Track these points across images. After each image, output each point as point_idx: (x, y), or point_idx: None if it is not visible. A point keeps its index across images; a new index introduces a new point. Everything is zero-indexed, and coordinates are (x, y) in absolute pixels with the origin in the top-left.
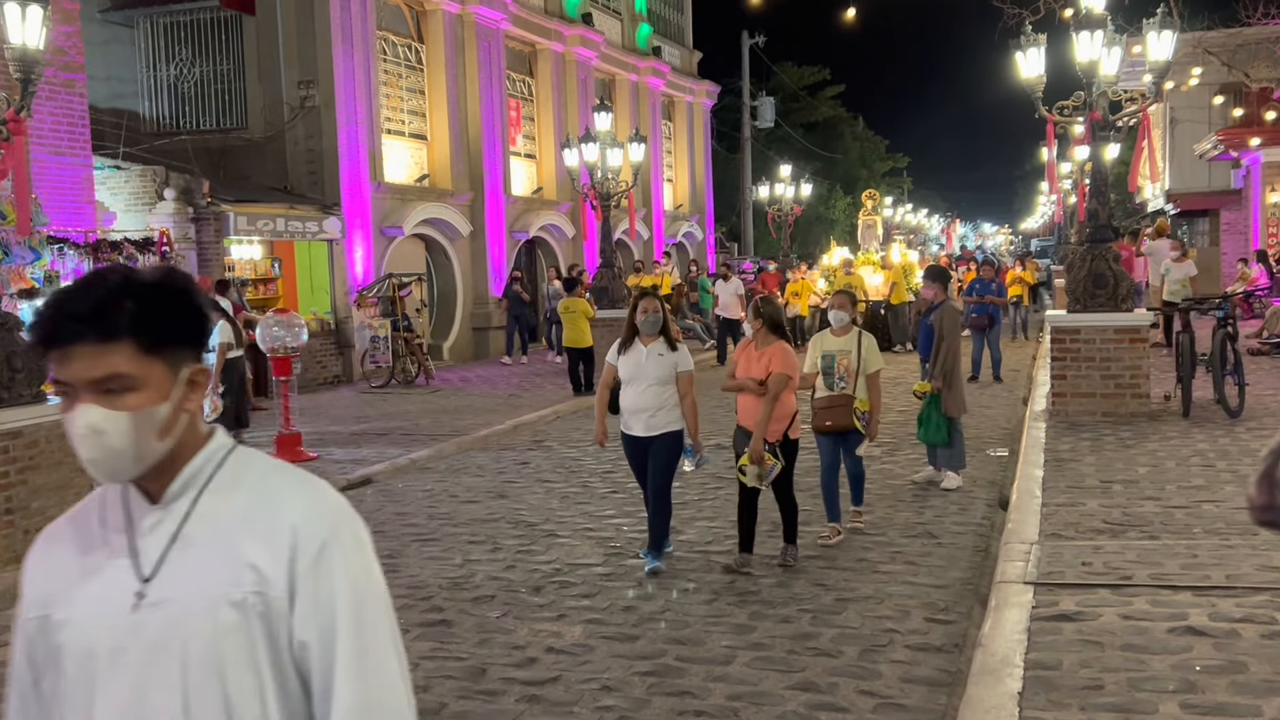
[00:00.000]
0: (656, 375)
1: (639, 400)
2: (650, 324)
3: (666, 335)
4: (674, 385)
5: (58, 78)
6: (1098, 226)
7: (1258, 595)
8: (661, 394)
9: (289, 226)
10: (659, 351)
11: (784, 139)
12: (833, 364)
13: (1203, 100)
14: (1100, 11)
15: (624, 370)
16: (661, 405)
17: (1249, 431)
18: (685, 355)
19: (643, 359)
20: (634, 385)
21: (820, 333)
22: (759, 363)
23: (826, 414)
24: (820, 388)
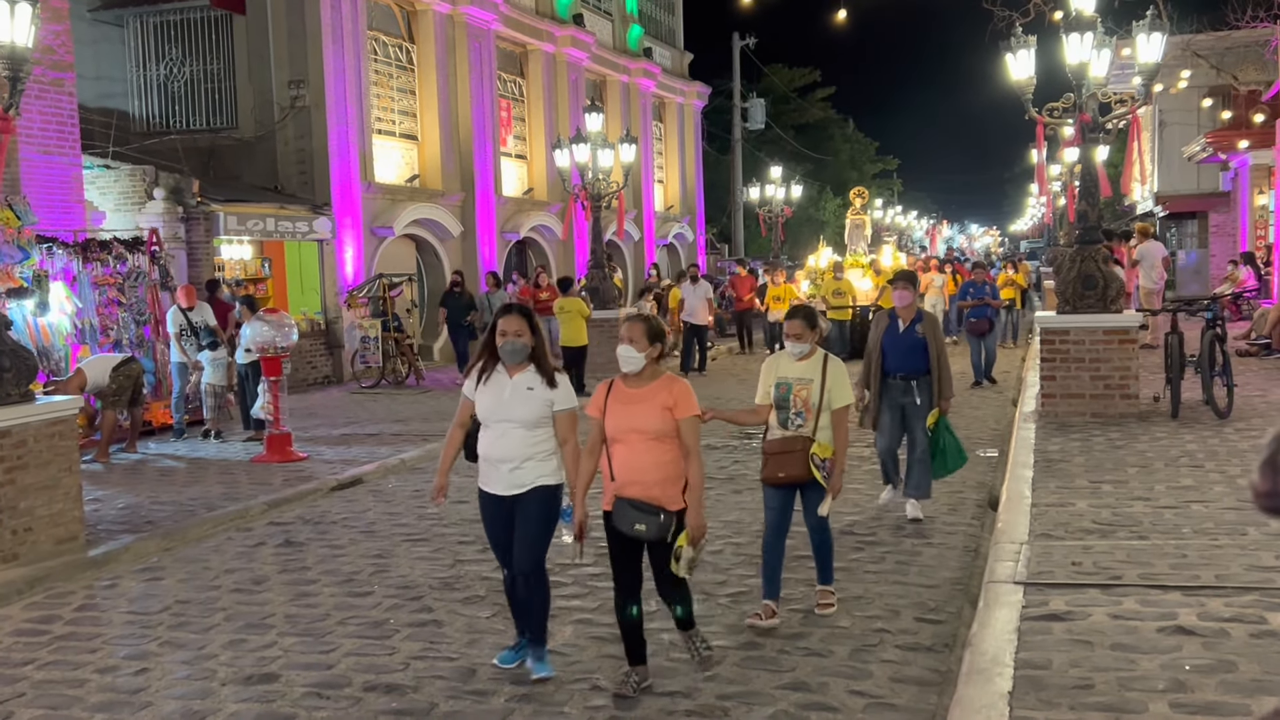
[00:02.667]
0: (524, 415)
1: (500, 447)
2: (513, 351)
3: (540, 364)
4: (549, 428)
5: (47, 76)
6: (1087, 228)
7: (1246, 595)
8: (531, 439)
9: (279, 226)
10: (528, 384)
11: (774, 141)
12: (788, 395)
13: (1191, 103)
14: (1090, 14)
15: (482, 407)
16: (531, 455)
17: (1237, 432)
18: (566, 390)
19: (505, 393)
20: (494, 427)
21: (776, 354)
22: (649, 404)
23: (779, 461)
24: (773, 425)
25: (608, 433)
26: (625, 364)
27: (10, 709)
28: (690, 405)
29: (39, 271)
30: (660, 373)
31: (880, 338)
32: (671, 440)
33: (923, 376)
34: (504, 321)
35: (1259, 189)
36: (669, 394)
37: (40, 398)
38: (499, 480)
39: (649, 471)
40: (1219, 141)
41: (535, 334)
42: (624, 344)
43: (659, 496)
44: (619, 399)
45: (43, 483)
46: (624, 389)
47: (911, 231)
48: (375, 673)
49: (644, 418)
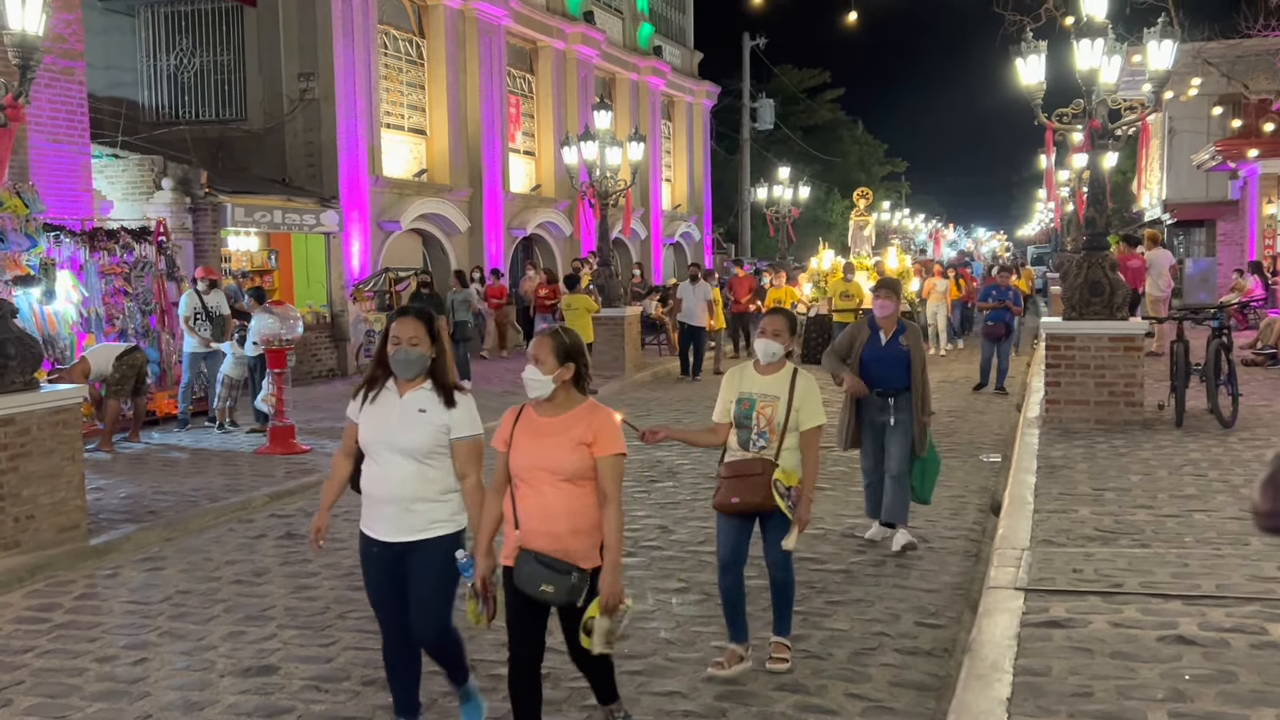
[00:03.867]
0: (413, 443)
1: (385, 483)
2: (405, 362)
3: (438, 380)
4: (446, 460)
5: (57, 65)
6: (1094, 234)
7: (1248, 605)
8: (422, 474)
9: (286, 219)
10: (420, 405)
11: (783, 141)
12: (750, 413)
13: (1201, 111)
14: (1101, 20)
15: (364, 432)
16: (422, 493)
17: (1242, 442)
18: (467, 412)
19: (392, 416)
20: (378, 457)
21: (739, 366)
22: (561, 438)
23: (735, 486)
24: (732, 446)
25: (512, 471)
26: (531, 388)
27: (9, 696)
28: (612, 440)
29: (46, 260)
30: (577, 400)
31: (860, 350)
32: (589, 483)
33: (903, 392)
34: (396, 326)
35: (1268, 198)
36: (587, 426)
37: (45, 386)
38: (383, 523)
39: (559, 520)
40: (1228, 150)
41: (436, 342)
42: (529, 364)
43: (571, 550)
44: (527, 430)
45: (46, 471)
46: (534, 418)
47: (914, 234)
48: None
49: (554, 454)
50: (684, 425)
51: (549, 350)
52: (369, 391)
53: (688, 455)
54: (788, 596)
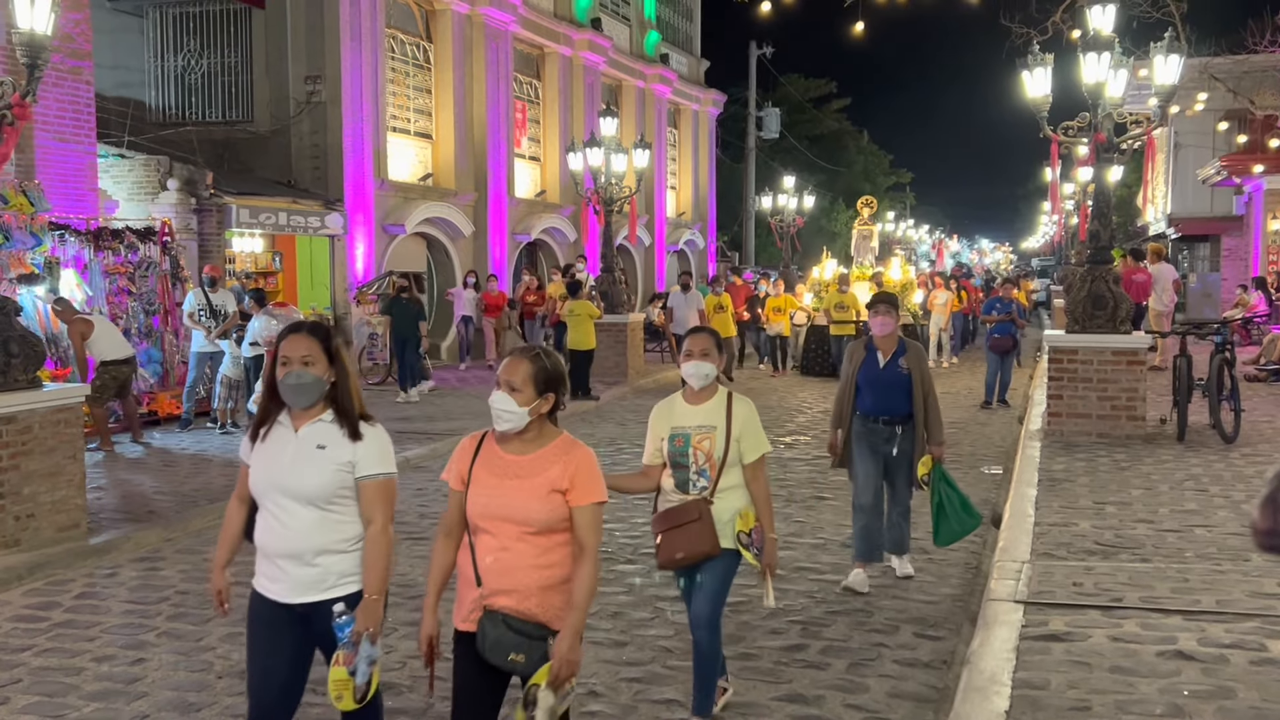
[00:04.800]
0: (311, 486)
1: (280, 535)
2: (298, 387)
3: (341, 408)
4: (352, 505)
5: (65, 64)
6: (1098, 248)
7: (1248, 621)
8: (325, 523)
9: (291, 221)
10: (319, 440)
11: (788, 150)
12: (686, 449)
13: (1207, 126)
14: (1108, 34)
15: (255, 474)
16: (325, 545)
17: (1244, 457)
18: (376, 446)
19: (286, 454)
20: (271, 504)
21: (668, 399)
22: (532, 481)
23: (676, 539)
24: (667, 490)
25: (470, 516)
26: (499, 419)
27: (6, 695)
28: (592, 486)
29: (50, 258)
30: (551, 435)
31: (855, 372)
32: (562, 533)
33: (907, 420)
34: (285, 344)
35: (1272, 214)
36: (563, 469)
37: (47, 385)
38: (280, 581)
39: (526, 575)
40: (1234, 165)
41: (335, 363)
42: (500, 390)
43: (540, 611)
44: (491, 468)
45: (47, 469)
46: (499, 453)
47: (916, 244)
48: None
49: (523, 501)
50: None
51: (527, 376)
52: (260, 428)
53: None
54: (710, 666)
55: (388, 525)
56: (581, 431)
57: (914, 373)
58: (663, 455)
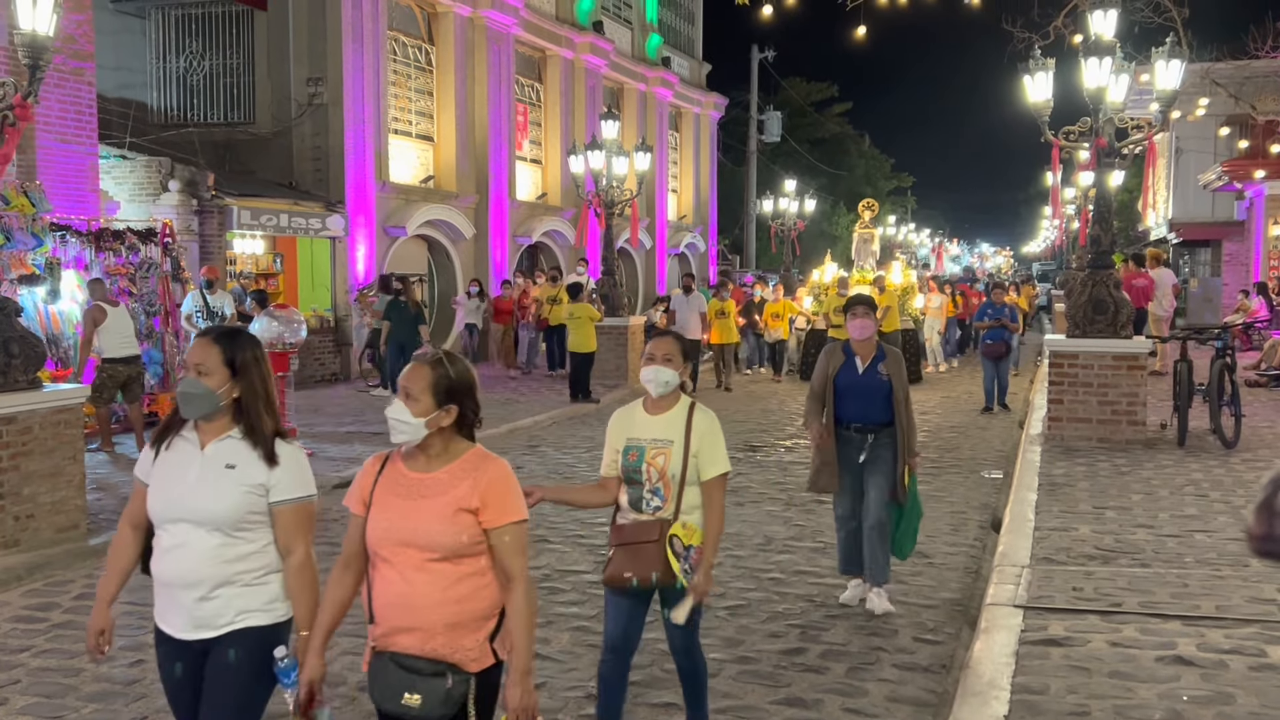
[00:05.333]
0: (216, 510)
1: (178, 564)
2: (187, 396)
3: (252, 426)
4: (263, 532)
5: (67, 65)
6: (1099, 252)
7: (1247, 627)
8: (229, 551)
9: (292, 222)
10: (228, 460)
11: (789, 154)
12: (640, 464)
13: (1208, 131)
14: (1109, 38)
15: (153, 495)
16: (229, 577)
17: (1244, 462)
18: (293, 467)
19: (190, 473)
20: (170, 530)
21: (627, 407)
22: (437, 501)
23: (627, 557)
24: (623, 506)
25: (369, 543)
26: (395, 431)
27: (5, 695)
28: (507, 504)
29: (51, 259)
30: (460, 449)
31: (833, 378)
32: (474, 560)
33: (884, 428)
34: (193, 350)
35: (1274, 219)
36: (472, 485)
37: (47, 385)
38: (179, 615)
39: (430, 611)
40: (1235, 170)
41: (240, 376)
42: (398, 400)
43: (448, 652)
44: (393, 488)
45: (47, 470)
46: (403, 472)
47: (915, 248)
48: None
49: (424, 523)
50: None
51: (425, 385)
52: (162, 441)
53: None
54: (699, 687)
55: (310, 553)
56: (582, 434)
57: (894, 379)
58: (618, 468)
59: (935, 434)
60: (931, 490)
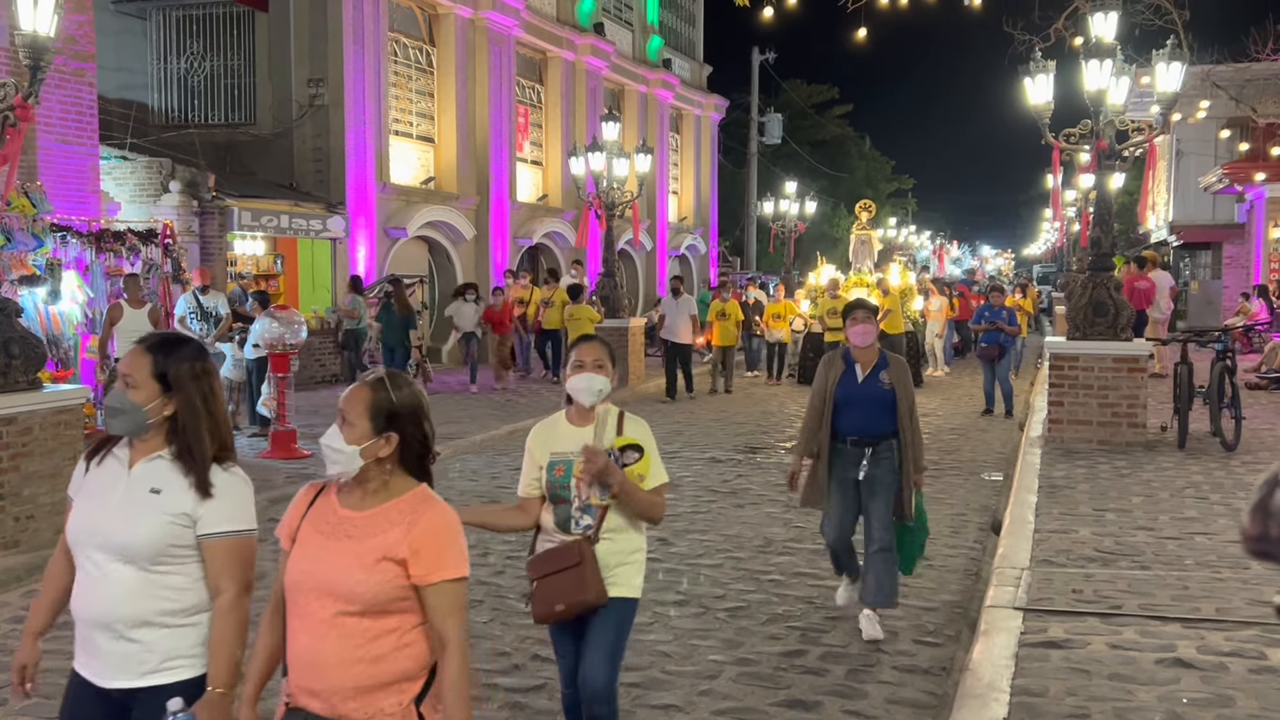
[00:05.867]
0: (136, 540)
1: (95, 599)
2: (112, 411)
3: (184, 447)
4: (192, 568)
5: (68, 66)
6: (1100, 255)
7: (1247, 629)
8: (151, 588)
9: (293, 223)
10: (154, 484)
11: (790, 156)
12: (566, 480)
13: (1209, 133)
14: (1110, 41)
15: (74, 517)
16: (148, 616)
17: (1244, 465)
18: (228, 497)
19: (113, 496)
20: (88, 559)
21: (549, 418)
22: (361, 545)
23: (555, 587)
24: (547, 528)
25: (285, 586)
26: (329, 460)
27: (4, 696)
28: (444, 557)
29: (52, 260)
30: (403, 487)
31: (832, 388)
32: (400, 616)
33: (884, 439)
34: (124, 359)
35: (1274, 221)
36: (404, 531)
37: (48, 386)
38: (96, 659)
39: (338, 672)
40: (1235, 173)
41: (175, 391)
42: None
43: (360, 714)
44: (320, 524)
45: (46, 471)
46: (335, 508)
47: (915, 250)
48: None
49: (345, 570)
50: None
51: (363, 408)
52: (95, 455)
53: (689, 467)
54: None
55: (242, 597)
56: None
57: (898, 389)
58: (540, 486)
59: (936, 436)
60: (932, 493)
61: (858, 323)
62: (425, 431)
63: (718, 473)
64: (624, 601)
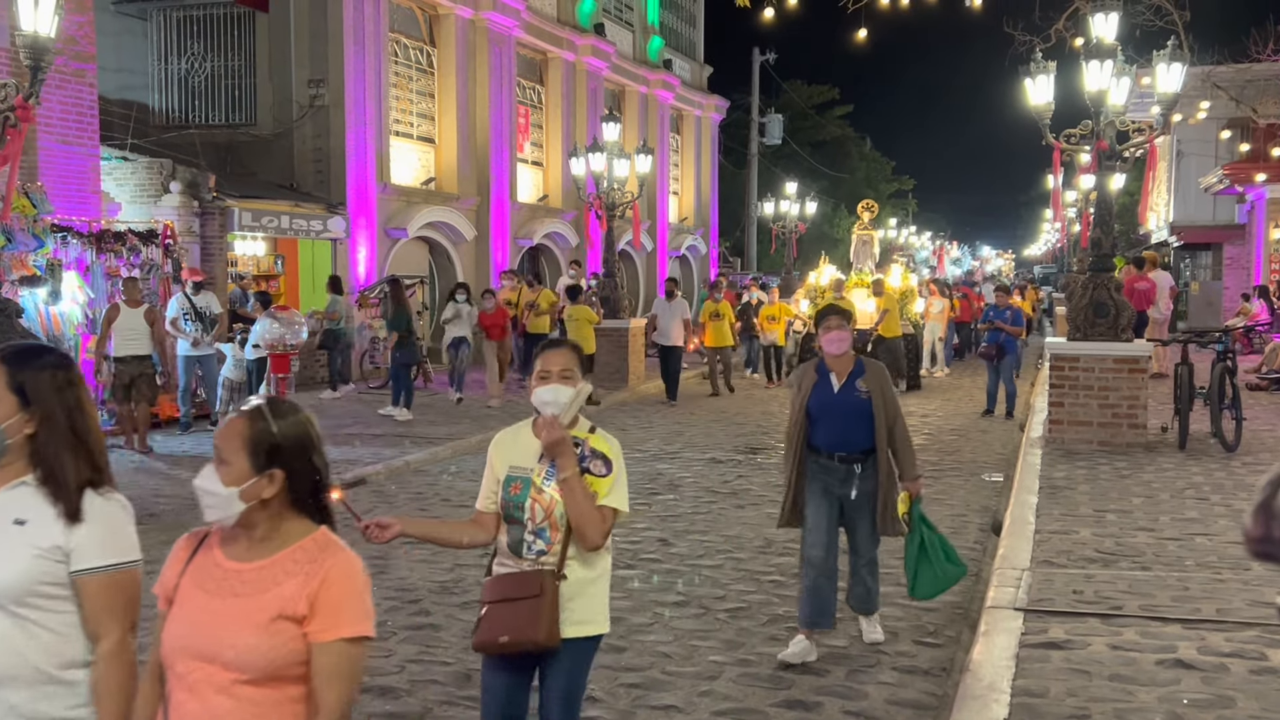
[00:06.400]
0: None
1: None
2: None
3: (50, 472)
4: (66, 610)
5: (69, 67)
6: (1100, 255)
7: (1248, 630)
8: (18, 636)
9: (293, 224)
10: (17, 514)
11: (790, 156)
12: (522, 498)
13: (1209, 134)
14: (1111, 42)
15: None
16: (16, 669)
17: (1244, 466)
18: (103, 527)
19: None
20: None
21: (514, 427)
22: (249, 602)
23: (504, 616)
24: (501, 548)
25: (163, 652)
26: (204, 504)
27: None
28: (345, 615)
29: (52, 260)
30: (298, 532)
31: (806, 400)
32: (292, 684)
33: (870, 455)
34: None
35: (1275, 222)
36: (301, 583)
37: None
38: None
39: None
40: (1236, 174)
41: (36, 404)
42: (209, 465)
43: None
44: (201, 580)
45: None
46: (219, 559)
47: (915, 251)
48: (370, 675)
49: (234, 632)
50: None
51: (240, 444)
52: None
53: (689, 468)
54: None
55: (127, 640)
56: None
57: (875, 397)
58: (495, 501)
59: (936, 437)
60: (933, 493)
61: (830, 330)
62: (316, 465)
63: (718, 473)
64: (584, 642)
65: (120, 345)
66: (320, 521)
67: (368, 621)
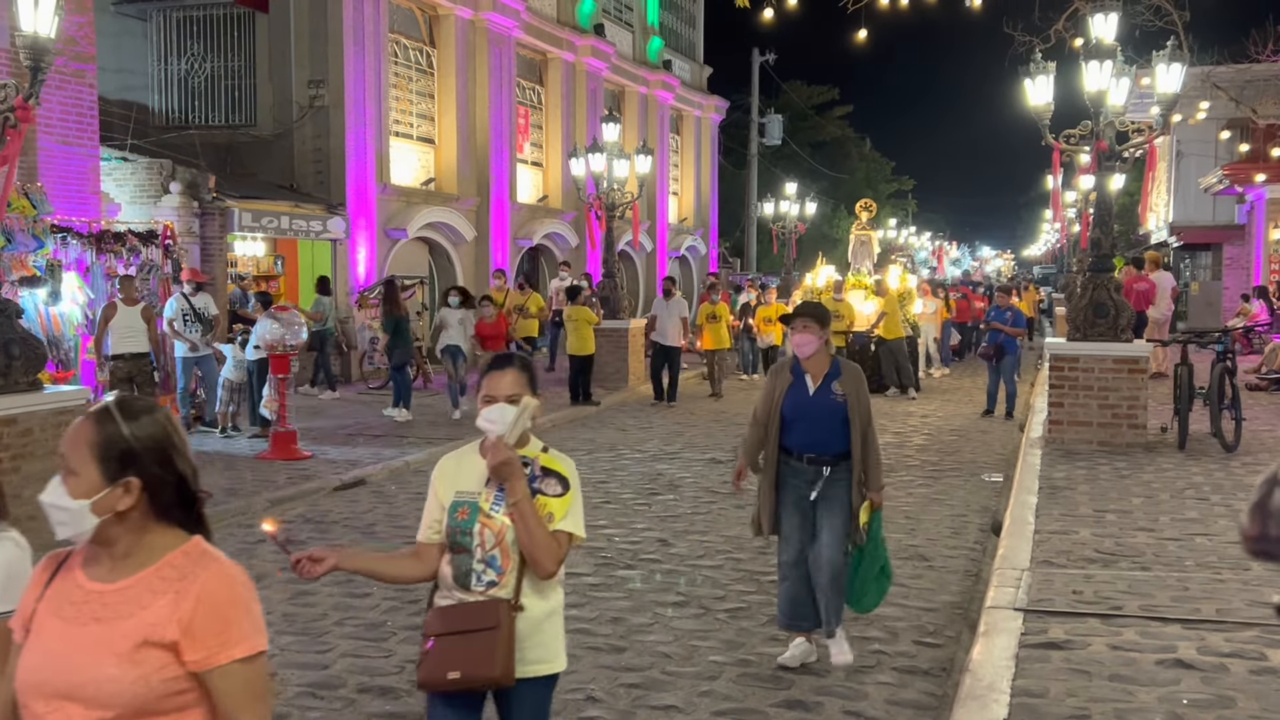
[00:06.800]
0: None
1: None
2: None
3: None
4: None
5: (68, 67)
6: (1100, 256)
7: (1248, 630)
8: None
9: (293, 225)
10: None
11: (790, 157)
12: (469, 524)
13: (1209, 134)
14: (1110, 42)
15: None
16: None
17: (1244, 466)
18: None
19: None
20: None
21: (459, 450)
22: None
23: (454, 651)
24: (445, 579)
25: (17, 690)
26: (56, 524)
27: None
28: (233, 632)
29: (52, 261)
30: (164, 546)
31: (780, 401)
32: (177, 716)
33: (842, 459)
34: None
35: (1274, 223)
36: (172, 604)
37: (48, 387)
38: None
39: None
40: (1236, 174)
41: None
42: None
43: None
44: (59, 606)
45: (47, 472)
46: (79, 581)
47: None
48: (370, 675)
49: (94, 663)
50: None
51: (85, 450)
52: None
53: (689, 468)
54: None
55: (5, 693)
56: (583, 436)
57: (850, 399)
58: (441, 531)
59: (936, 437)
60: (932, 493)
61: (797, 332)
62: (180, 470)
63: (718, 474)
64: (544, 681)
65: (117, 343)
66: (193, 531)
67: (259, 636)
